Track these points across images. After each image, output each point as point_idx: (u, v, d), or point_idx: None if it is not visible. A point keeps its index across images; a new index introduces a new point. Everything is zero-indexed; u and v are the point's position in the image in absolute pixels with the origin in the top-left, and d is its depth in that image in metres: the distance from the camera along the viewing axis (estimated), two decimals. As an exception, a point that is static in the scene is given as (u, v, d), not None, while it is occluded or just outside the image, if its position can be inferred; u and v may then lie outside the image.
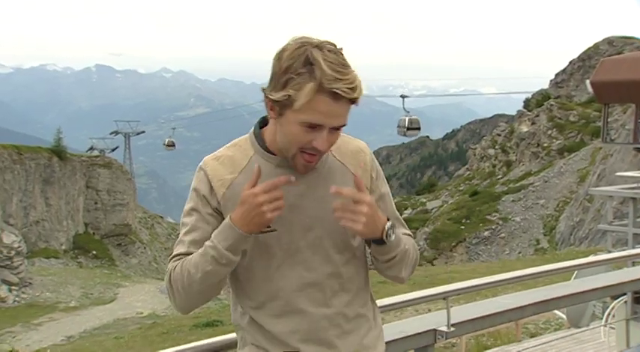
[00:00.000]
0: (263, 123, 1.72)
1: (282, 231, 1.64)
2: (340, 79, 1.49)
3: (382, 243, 1.63)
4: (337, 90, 1.49)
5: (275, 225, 1.61)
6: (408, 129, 33.40)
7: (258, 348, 1.71)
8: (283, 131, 1.59)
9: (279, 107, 1.56)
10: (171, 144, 57.55)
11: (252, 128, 1.74)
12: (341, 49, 1.56)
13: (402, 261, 1.71)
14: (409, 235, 1.80)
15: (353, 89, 1.51)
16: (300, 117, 1.53)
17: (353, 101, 1.54)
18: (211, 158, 1.71)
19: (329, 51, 1.52)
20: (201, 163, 1.71)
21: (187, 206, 1.70)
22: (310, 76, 1.50)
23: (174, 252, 1.68)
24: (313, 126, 1.54)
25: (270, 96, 1.56)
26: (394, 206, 1.83)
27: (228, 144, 1.75)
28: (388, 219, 1.63)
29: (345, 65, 1.52)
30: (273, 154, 1.67)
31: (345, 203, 1.56)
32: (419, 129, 34.97)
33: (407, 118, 33.25)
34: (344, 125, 1.58)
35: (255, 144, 1.69)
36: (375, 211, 1.58)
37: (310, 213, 1.66)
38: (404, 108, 33.54)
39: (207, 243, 1.59)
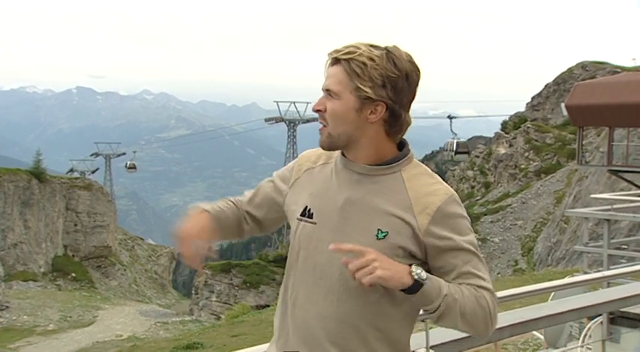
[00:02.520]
0: None
1: (320, 227, 1.67)
2: (337, 50, 1.62)
3: (417, 287, 1.50)
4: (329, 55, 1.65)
5: (317, 219, 1.67)
6: (457, 152, 31.24)
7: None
8: None
9: None
10: (133, 167, 57.23)
11: None
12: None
13: (453, 314, 1.54)
14: (482, 288, 1.58)
15: (337, 50, 1.61)
16: None
17: (344, 62, 1.59)
18: (314, 149, 1.82)
19: None
20: None
21: (276, 172, 1.90)
22: None
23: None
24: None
25: None
26: (477, 263, 1.60)
27: None
28: (411, 265, 1.53)
29: (352, 45, 1.61)
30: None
31: (351, 259, 1.49)
32: (468, 152, 32.07)
33: (454, 141, 31.11)
34: (330, 90, 1.61)
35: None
36: (387, 257, 1.52)
37: (354, 221, 1.64)
38: (451, 131, 30.73)
39: None
